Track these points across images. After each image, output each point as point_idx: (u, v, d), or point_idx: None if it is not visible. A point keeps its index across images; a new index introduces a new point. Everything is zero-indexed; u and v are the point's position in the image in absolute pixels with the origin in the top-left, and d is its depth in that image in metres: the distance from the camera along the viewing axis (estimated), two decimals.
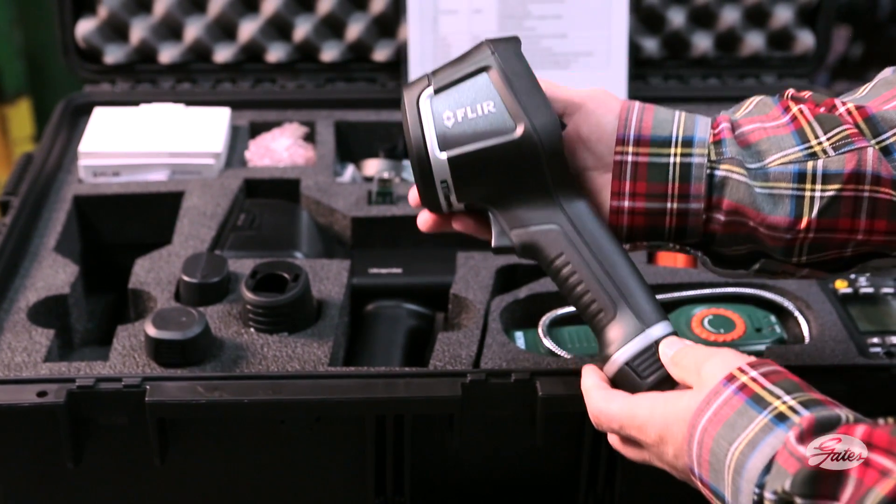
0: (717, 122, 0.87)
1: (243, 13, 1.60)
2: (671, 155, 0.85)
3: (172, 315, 1.06)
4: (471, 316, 1.16)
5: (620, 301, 0.84)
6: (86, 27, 1.57)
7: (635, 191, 0.86)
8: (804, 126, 0.85)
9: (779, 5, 1.63)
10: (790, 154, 0.84)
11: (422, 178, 0.86)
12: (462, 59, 0.87)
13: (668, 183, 0.85)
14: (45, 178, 1.36)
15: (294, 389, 1.00)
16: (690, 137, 0.85)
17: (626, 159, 0.86)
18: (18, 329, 1.11)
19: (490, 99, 0.84)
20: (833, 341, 1.10)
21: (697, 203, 0.86)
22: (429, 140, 0.85)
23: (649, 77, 1.64)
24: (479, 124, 0.84)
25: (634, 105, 0.88)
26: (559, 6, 1.56)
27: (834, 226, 0.85)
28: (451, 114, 0.85)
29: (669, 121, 0.86)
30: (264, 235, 1.28)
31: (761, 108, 0.88)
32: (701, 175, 0.85)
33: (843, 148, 0.83)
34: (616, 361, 0.84)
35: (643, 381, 0.83)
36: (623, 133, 0.86)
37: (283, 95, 1.59)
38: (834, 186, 0.84)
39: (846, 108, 0.85)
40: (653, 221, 0.87)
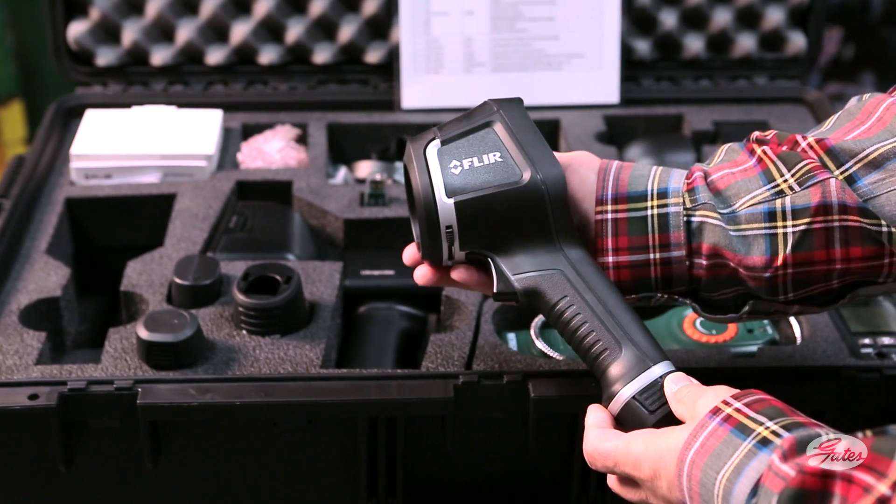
0: (691, 173, 0.90)
1: (235, 15, 1.60)
2: (648, 208, 0.88)
3: (164, 317, 1.06)
4: (463, 318, 1.16)
5: (624, 340, 0.85)
6: (77, 29, 1.57)
7: (618, 245, 0.89)
8: (769, 166, 0.88)
9: (770, 7, 1.63)
10: (758, 195, 0.87)
11: (427, 224, 0.88)
12: (467, 116, 0.90)
13: (649, 234, 0.88)
14: (36, 181, 1.36)
15: (286, 391, 1.00)
16: (665, 189, 0.89)
17: (606, 217, 0.89)
18: (10, 332, 1.11)
19: (496, 150, 0.88)
20: (824, 342, 1.10)
21: (679, 251, 0.88)
22: (436, 186, 0.87)
23: (641, 78, 1.64)
24: (485, 173, 0.87)
25: (612, 165, 0.91)
26: (551, 8, 1.56)
27: (810, 259, 0.86)
28: (458, 163, 0.87)
29: (645, 176, 0.90)
30: (256, 237, 1.28)
31: (730, 155, 0.91)
32: (679, 223, 0.88)
33: (807, 182, 0.86)
34: (623, 396, 0.84)
35: (651, 414, 0.84)
36: (602, 194, 0.89)
37: (276, 97, 1.59)
38: (803, 220, 0.85)
39: (807, 143, 0.87)
40: (638, 273, 0.89)
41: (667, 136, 1.54)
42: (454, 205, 0.87)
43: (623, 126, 1.56)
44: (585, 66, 1.58)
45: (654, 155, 1.47)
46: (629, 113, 1.58)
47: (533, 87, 1.57)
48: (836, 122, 0.89)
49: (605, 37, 1.57)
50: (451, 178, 0.87)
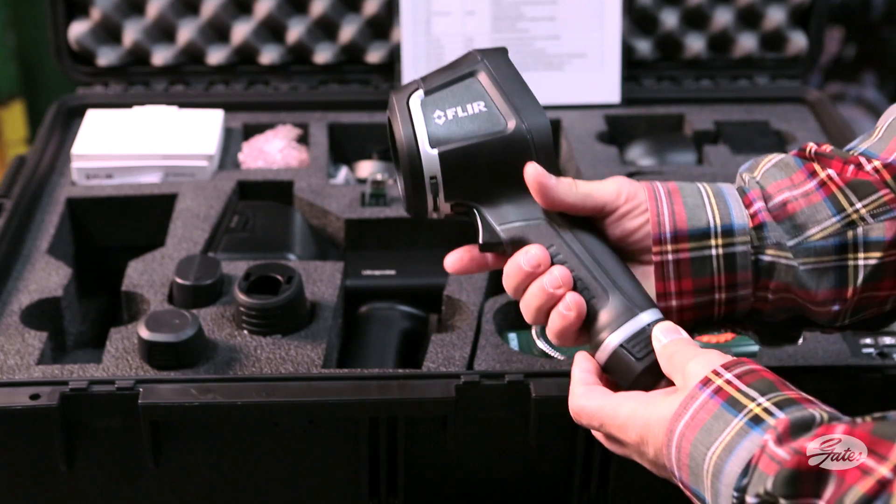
0: (749, 200, 0.85)
1: (236, 15, 1.60)
2: (713, 247, 0.84)
3: (165, 317, 1.06)
4: (464, 317, 1.16)
5: (611, 288, 0.84)
6: (78, 29, 1.57)
7: (681, 289, 0.85)
8: (836, 192, 0.84)
9: (771, 7, 1.63)
10: (828, 227, 0.83)
11: (411, 175, 0.86)
12: (451, 66, 0.88)
13: (714, 275, 0.84)
14: (37, 181, 1.36)
15: (287, 391, 1.00)
16: (730, 227, 0.84)
17: (667, 259, 0.84)
18: (11, 332, 1.11)
19: (481, 100, 0.85)
20: (826, 342, 1.10)
21: (746, 290, 0.85)
22: (420, 137, 0.85)
23: (642, 78, 1.64)
24: (469, 123, 0.85)
25: (661, 195, 0.85)
26: (552, 8, 1.56)
27: (877, 287, 0.85)
28: (442, 113, 0.85)
29: (701, 206, 0.84)
30: (258, 237, 1.28)
31: (785, 171, 0.86)
32: (747, 264, 0.84)
33: (882, 216, 0.83)
34: (610, 344, 0.84)
35: (638, 362, 0.83)
36: (659, 231, 0.84)
37: (277, 97, 1.59)
38: (876, 254, 0.83)
39: (873, 167, 0.84)
40: (702, 314, 0.87)
41: (668, 136, 1.54)
42: (438, 155, 0.85)
43: (624, 126, 1.56)
44: (586, 66, 1.58)
45: (655, 155, 1.48)
46: (630, 113, 1.58)
47: (534, 86, 1.54)
48: (889, 131, 0.86)
49: (607, 37, 1.57)
50: (435, 128, 0.85)
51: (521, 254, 0.85)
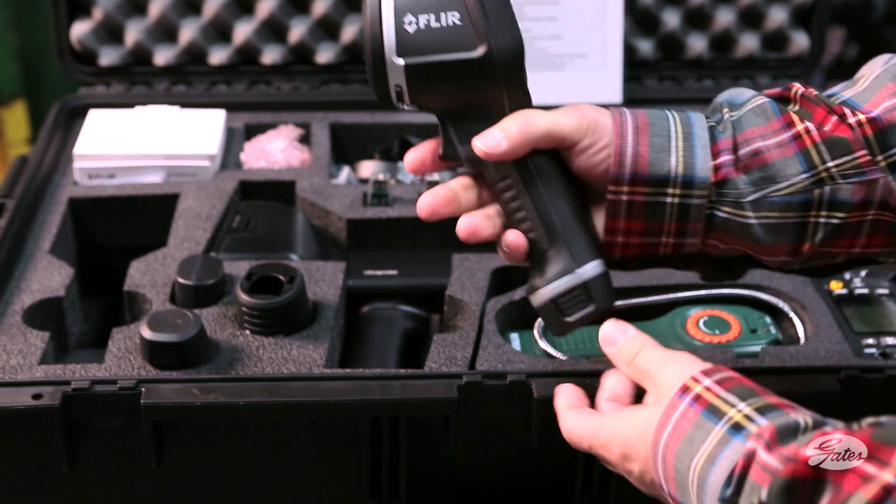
0: (718, 150, 0.82)
1: (238, 15, 1.60)
2: (669, 195, 0.82)
3: (168, 317, 1.06)
4: (466, 317, 1.16)
5: (557, 236, 0.84)
6: (80, 29, 1.57)
7: (630, 228, 0.84)
8: (810, 148, 0.82)
9: (773, 7, 1.63)
10: (797, 183, 0.81)
11: (375, 76, 0.83)
12: None
13: (665, 221, 0.83)
14: (40, 181, 1.36)
15: (289, 391, 1.00)
16: (690, 178, 0.81)
17: (621, 199, 0.83)
18: (13, 331, 1.11)
19: (456, 9, 0.81)
20: (828, 342, 1.10)
21: (695, 238, 0.84)
22: (387, 42, 0.81)
23: (644, 78, 1.64)
24: (441, 35, 0.81)
25: (627, 131, 0.82)
26: (554, 8, 1.56)
27: (834, 245, 0.84)
28: (414, 19, 0.81)
29: (666, 149, 0.82)
30: (260, 237, 1.28)
31: (761, 116, 0.84)
32: (700, 217, 0.82)
33: (852, 177, 0.81)
34: (542, 296, 0.85)
35: (564, 317, 0.85)
36: (619, 172, 0.82)
37: (279, 97, 1.59)
38: (839, 214, 0.82)
39: (857, 121, 0.81)
40: (646, 251, 0.86)
41: None
42: (404, 66, 0.81)
43: None
44: (588, 66, 1.58)
45: None
46: None
47: (536, 86, 1.54)
48: (875, 83, 0.83)
49: (608, 37, 1.57)
50: (404, 34, 0.81)
51: (473, 192, 0.86)
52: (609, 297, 0.86)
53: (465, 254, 1.23)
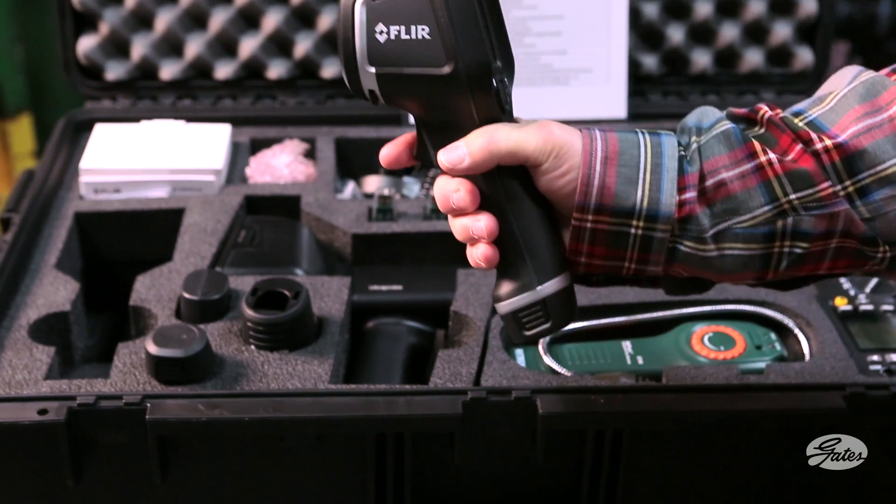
0: (685, 184, 0.82)
1: (244, 30, 1.60)
2: (633, 227, 0.83)
3: (173, 332, 1.07)
4: (471, 333, 1.16)
5: (520, 251, 0.85)
6: (87, 44, 1.58)
7: (593, 253, 0.85)
8: (772, 180, 0.82)
9: (778, 22, 1.63)
10: (759, 215, 0.82)
11: (350, 81, 0.84)
12: None
13: (628, 250, 0.84)
14: (46, 195, 1.36)
15: (294, 407, 1.00)
16: (654, 213, 0.82)
17: (585, 226, 0.83)
18: (19, 346, 1.11)
19: (426, 23, 0.80)
20: (833, 359, 1.10)
21: (656, 267, 0.85)
22: (358, 50, 0.82)
23: (648, 93, 1.64)
24: (410, 48, 0.81)
25: (596, 160, 0.82)
26: (559, 23, 1.56)
27: (798, 270, 0.85)
28: (385, 28, 0.81)
29: (633, 182, 0.82)
30: (265, 252, 1.28)
31: (725, 143, 0.83)
32: (662, 249, 0.83)
33: (814, 210, 0.82)
34: (503, 309, 0.87)
35: (522, 332, 0.87)
36: (584, 200, 0.82)
37: (284, 112, 1.59)
38: (803, 244, 0.83)
39: (823, 146, 0.81)
40: (610, 271, 0.87)
41: None
42: (375, 75, 0.82)
43: None
44: (593, 81, 1.58)
45: None
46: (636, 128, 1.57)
47: (540, 101, 1.57)
48: (842, 103, 0.83)
49: (613, 52, 1.57)
50: (375, 44, 0.80)
51: (451, 189, 0.85)
52: (567, 315, 0.87)
53: (470, 269, 1.23)
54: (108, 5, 1.58)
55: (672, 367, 1.09)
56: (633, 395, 1.02)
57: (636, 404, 1.01)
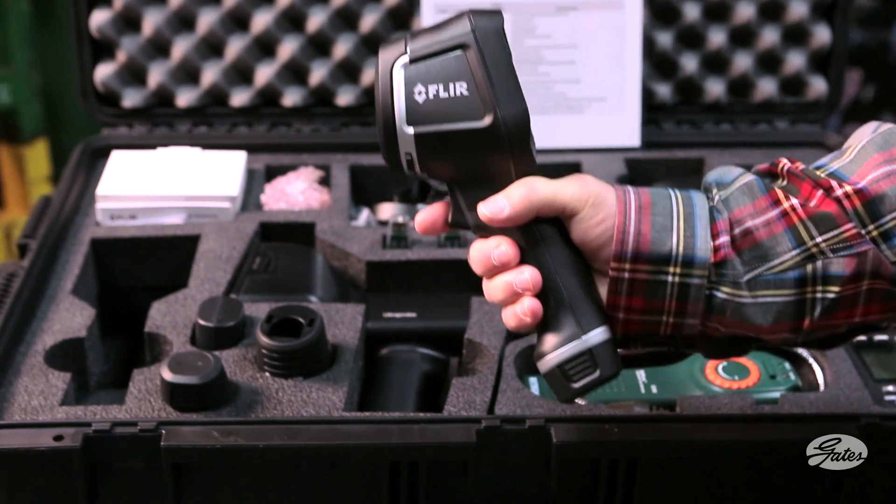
0: (717, 231, 0.84)
1: (260, 58, 1.61)
2: (670, 274, 0.84)
3: (188, 359, 1.07)
4: (485, 361, 1.16)
5: (564, 302, 0.85)
6: (104, 71, 1.59)
7: (631, 306, 0.85)
8: (797, 224, 0.83)
9: (791, 51, 1.64)
10: (787, 260, 0.83)
11: (387, 145, 0.85)
12: (442, 28, 0.85)
13: (666, 300, 0.85)
14: (62, 221, 1.37)
15: (309, 435, 1.00)
16: (691, 258, 0.83)
17: (623, 276, 0.84)
18: (35, 372, 1.12)
19: (464, 80, 0.83)
20: (848, 389, 1.10)
21: (694, 319, 0.85)
22: (397, 111, 0.84)
23: (662, 122, 1.65)
24: (449, 105, 0.83)
25: (631, 209, 0.84)
26: (573, 52, 1.57)
27: (833, 317, 0.85)
28: (423, 89, 0.83)
29: (668, 229, 0.84)
30: (279, 279, 1.28)
31: (748, 194, 0.86)
32: (700, 297, 0.84)
33: (842, 251, 0.83)
34: (549, 362, 0.86)
35: (570, 384, 0.86)
36: (621, 249, 0.83)
37: (299, 139, 1.60)
38: (834, 288, 0.83)
39: (844, 192, 0.83)
40: (647, 329, 0.87)
41: (688, 180, 1.54)
42: (414, 135, 0.84)
43: (644, 169, 1.57)
44: (606, 110, 1.59)
45: None
46: (650, 156, 1.58)
47: (554, 129, 1.58)
48: (862, 153, 0.85)
49: (627, 80, 1.58)
50: (414, 104, 0.83)
51: (492, 246, 0.86)
52: (615, 364, 0.87)
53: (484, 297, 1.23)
54: (126, 33, 1.59)
55: (686, 397, 1.09)
56: (647, 425, 1.02)
57: (650, 433, 1.01)
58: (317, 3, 1.60)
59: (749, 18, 1.62)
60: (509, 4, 1.55)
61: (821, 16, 1.63)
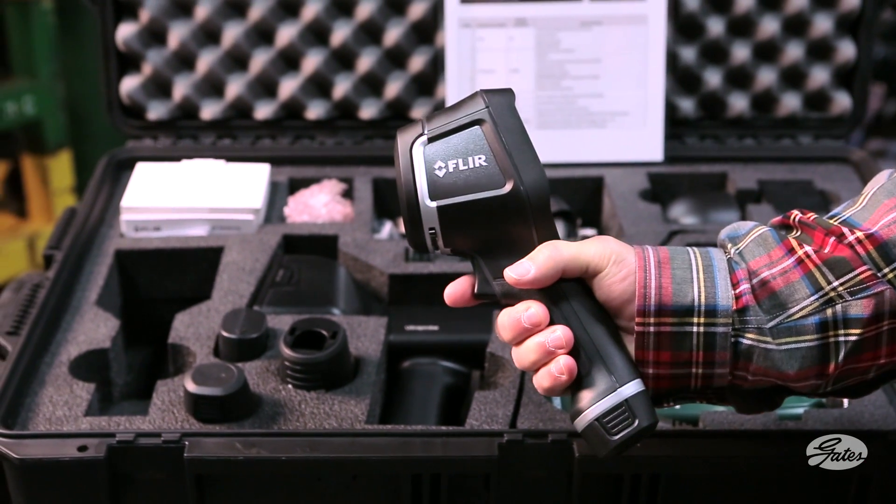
0: (737, 280, 0.86)
1: (284, 71, 1.62)
2: (694, 325, 0.85)
3: (211, 371, 1.07)
4: (507, 375, 1.16)
5: (596, 356, 0.86)
6: (130, 84, 1.60)
7: (659, 360, 0.86)
8: (813, 270, 0.85)
9: (815, 67, 1.63)
10: (807, 306, 0.84)
11: (411, 222, 0.88)
12: (457, 108, 0.88)
13: (693, 351, 0.85)
14: (87, 233, 1.38)
15: (331, 447, 1.01)
16: (713, 307, 0.84)
17: (648, 330, 0.85)
18: (60, 382, 1.12)
19: (482, 153, 0.86)
20: (872, 405, 1.09)
21: (723, 368, 0.86)
22: (419, 188, 0.86)
23: (685, 136, 1.65)
24: (469, 177, 0.86)
25: (650, 265, 0.86)
26: (596, 66, 1.57)
27: (858, 360, 0.85)
28: (443, 164, 0.86)
29: (688, 281, 0.85)
30: (302, 291, 1.29)
31: (763, 246, 0.87)
32: (726, 345, 0.85)
33: (860, 294, 0.83)
34: (587, 417, 0.86)
35: (611, 437, 0.86)
36: (643, 304, 0.85)
37: (322, 152, 1.61)
38: (856, 331, 0.84)
39: (855, 238, 0.84)
40: (678, 384, 0.88)
41: (711, 195, 1.54)
42: (437, 209, 0.86)
43: (667, 184, 1.57)
44: (629, 124, 1.59)
45: (698, 213, 1.48)
46: (673, 171, 1.58)
47: (577, 144, 1.58)
48: (873, 200, 0.87)
49: (650, 95, 1.58)
50: (435, 179, 0.86)
51: (521, 310, 0.87)
52: (652, 415, 0.87)
53: None
54: (152, 46, 1.60)
55: (709, 412, 1.09)
56: (669, 440, 1.02)
57: (673, 449, 1.01)
58: (341, 17, 1.61)
59: (773, 33, 1.62)
60: (534, 19, 1.56)
61: (845, 31, 1.62)
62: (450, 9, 1.56)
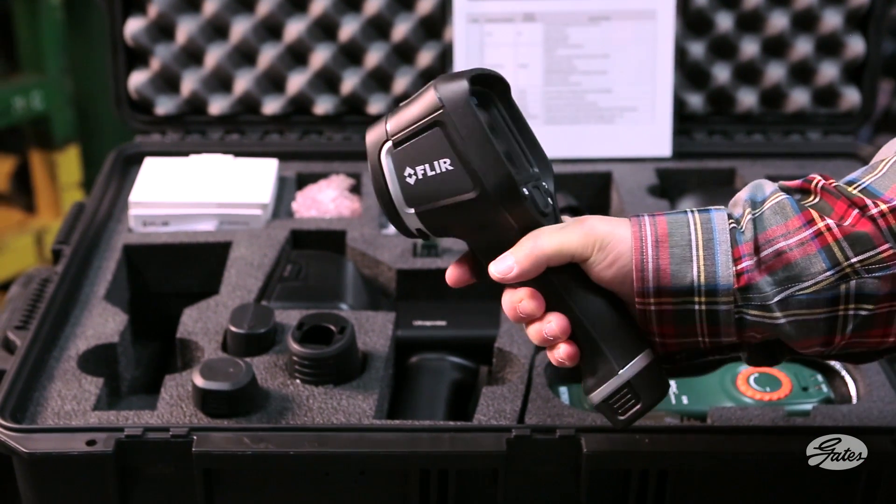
0: (740, 254, 0.83)
1: (292, 66, 1.62)
2: (695, 303, 0.84)
3: (220, 365, 1.08)
4: (515, 370, 1.16)
5: (593, 342, 0.87)
6: (138, 79, 1.60)
7: (664, 333, 0.86)
8: (832, 245, 0.82)
9: (825, 62, 1.63)
10: (822, 280, 0.82)
11: (395, 223, 0.89)
12: (415, 103, 0.86)
13: (697, 325, 0.85)
14: (96, 228, 1.38)
15: (339, 442, 1.01)
16: (714, 286, 0.83)
17: (649, 308, 0.85)
18: (68, 377, 1.13)
19: (446, 156, 0.85)
20: (881, 402, 1.09)
21: (730, 338, 0.86)
22: (394, 197, 0.87)
23: (694, 132, 1.64)
24: (439, 182, 0.86)
25: (647, 245, 0.84)
26: (604, 62, 1.57)
27: (866, 335, 0.85)
28: (412, 171, 0.86)
29: (688, 259, 0.84)
30: (310, 286, 1.29)
31: (780, 214, 0.84)
32: (730, 321, 0.84)
33: (877, 272, 0.82)
34: (592, 401, 0.89)
35: (618, 418, 0.88)
36: (642, 286, 0.84)
37: (330, 147, 1.61)
38: (868, 306, 0.83)
39: (879, 211, 0.81)
40: (686, 347, 0.88)
41: (719, 190, 1.53)
42: (416, 214, 0.87)
43: (675, 179, 1.56)
44: (638, 120, 1.58)
45: None
46: (681, 166, 1.58)
47: (586, 139, 1.58)
48: (894, 168, 0.84)
49: (658, 90, 1.58)
50: (408, 187, 0.86)
51: (516, 299, 0.88)
52: (656, 391, 0.88)
53: None
54: (160, 41, 1.60)
55: (717, 408, 1.09)
56: (677, 436, 1.02)
57: (681, 445, 1.01)
58: (349, 12, 1.61)
59: (782, 29, 1.61)
60: (542, 14, 1.56)
61: (855, 26, 1.62)
62: (458, 4, 1.56)
